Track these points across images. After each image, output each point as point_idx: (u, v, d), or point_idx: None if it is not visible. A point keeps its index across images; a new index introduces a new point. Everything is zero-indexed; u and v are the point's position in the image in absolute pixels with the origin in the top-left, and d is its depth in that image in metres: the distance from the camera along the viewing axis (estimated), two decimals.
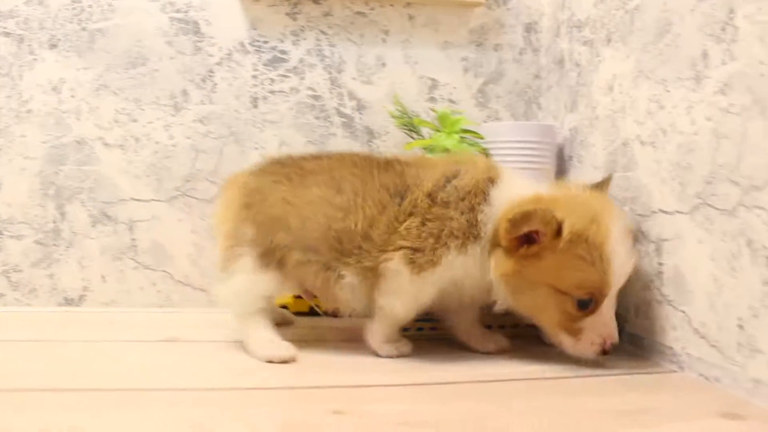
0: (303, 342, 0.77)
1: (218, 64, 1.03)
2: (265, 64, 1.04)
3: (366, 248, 0.69)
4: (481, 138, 0.96)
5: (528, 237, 0.65)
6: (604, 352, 0.67)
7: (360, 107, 1.05)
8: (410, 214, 0.69)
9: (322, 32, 1.05)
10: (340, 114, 1.05)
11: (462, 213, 0.68)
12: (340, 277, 0.70)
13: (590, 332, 0.67)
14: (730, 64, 0.62)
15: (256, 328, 0.72)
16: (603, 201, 0.69)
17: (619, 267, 0.65)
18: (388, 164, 0.74)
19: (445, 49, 1.07)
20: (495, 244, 0.68)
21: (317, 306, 0.96)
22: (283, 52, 1.04)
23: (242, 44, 1.04)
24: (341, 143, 1.05)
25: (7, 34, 1.01)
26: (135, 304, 1.01)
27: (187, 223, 1.02)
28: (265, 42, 1.04)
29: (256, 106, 1.04)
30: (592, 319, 0.66)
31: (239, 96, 1.03)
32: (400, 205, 0.70)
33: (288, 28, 1.04)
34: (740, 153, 0.61)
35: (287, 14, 1.04)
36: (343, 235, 0.70)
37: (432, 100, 1.07)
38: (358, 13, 1.05)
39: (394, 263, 0.68)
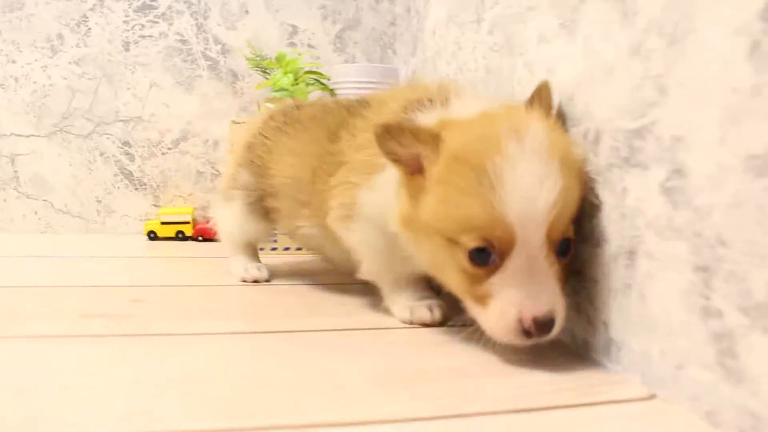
0: None
1: (91, 9, 1.12)
2: (135, 11, 1.12)
3: (314, 201, 0.63)
4: (326, 78, 1.05)
5: (415, 166, 0.49)
6: (526, 334, 0.43)
7: (224, 51, 1.14)
8: (340, 164, 0.59)
9: None
10: (206, 57, 1.14)
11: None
12: (298, 228, 0.68)
13: (498, 300, 0.44)
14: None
15: (236, 257, 0.79)
16: (518, 116, 0.47)
17: (518, 196, 0.43)
18: (350, 107, 0.65)
19: None
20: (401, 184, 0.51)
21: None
22: None
23: None
24: (207, 85, 1.14)
25: None
26: (19, 230, 1.11)
27: (65, 157, 1.11)
28: None
29: (127, 50, 1.13)
30: (498, 279, 0.44)
31: (112, 40, 1.12)
32: (332, 154, 0.61)
33: None
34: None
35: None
36: (296, 184, 0.66)
37: (292, 45, 1.15)
38: None
39: (330, 221, 0.59)
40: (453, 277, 0.47)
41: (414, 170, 0.49)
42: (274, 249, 0.98)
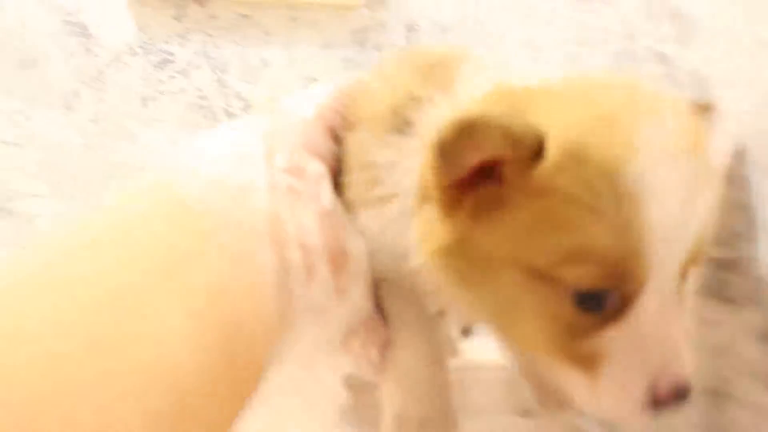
0: None
1: (107, 65, 1.09)
2: (153, 66, 1.10)
3: None
4: None
5: (478, 174, 0.32)
6: (656, 405, 0.31)
7: (246, 107, 1.12)
8: None
9: (208, 34, 1.10)
10: (228, 113, 1.12)
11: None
12: None
13: (619, 362, 0.32)
14: None
15: None
16: (633, 90, 0.33)
17: (664, 215, 0.30)
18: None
19: (326, 49, 1.13)
20: (424, 197, 0.36)
21: None
22: (170, 53, 1.10)
23: (131, 47, 1.09)
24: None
25: None
26: None
27: None
28: (153, 44, 1.09)
29: (145, 106, 1.10)
30: (620, 333, 0.32)
31: (129, 97, 1.09)
32: None
33: (174, 31, 1.09)
34: None
35: (173, 18, 1.09)
36: None
37: None
38: (244, 15, 1.10)
39: None
40: (535, 328, 0.33)
41: (469, 184, 0.32)
42: None
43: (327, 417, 0.43)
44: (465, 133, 0.29)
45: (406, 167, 0.37)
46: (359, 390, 0.45)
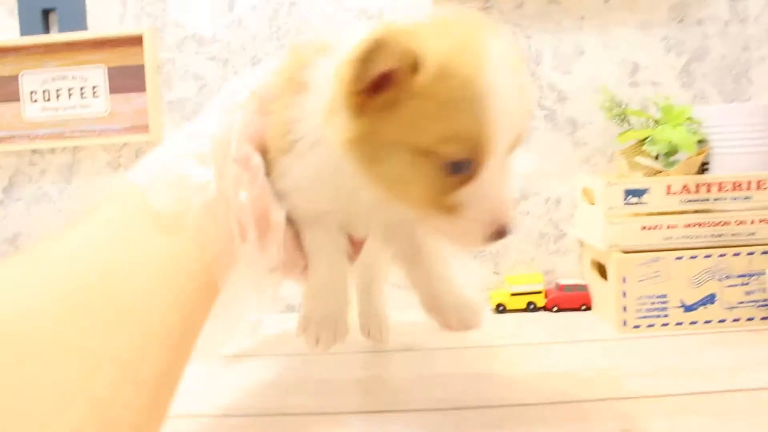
0: None
1: None
2: None
3: None
4: (698, 123, 0.92)
5: (379, 82, 0.45)
6: (493, 237, 0.46)
7: (561, 98, 1.03)
8: None
9: (517, 24, 1.03)
10: (542, 107, 1.03)
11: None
12: None
13: (471, 209, 0.46)
14: None
15: None
16: (481, 23, 0.47)
17: (503, 109, 0.43)
18: None
19: (644, 30, 1.03)
20: (332, 111, 0.48)
21: None
22: None
23: None
24: (544, 137, 1.03)
25: (212, 59, 1.04)
26: None
27: None
28: None
29: None
30: (472, 189, 0.45)
31: None
32: None
33: None
34: None
35: (479, 10, 1.03)
36: None
37: (634, 84, 1.03)
38: (552, 2, 1.03)
39: None
40: (419, 189, 0.47)
41: (372, 90, 0.45)
42: None
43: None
44: (371, 49, 0.42)
45: (307, 115, 0.50)
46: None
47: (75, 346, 0.33)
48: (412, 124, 0.44)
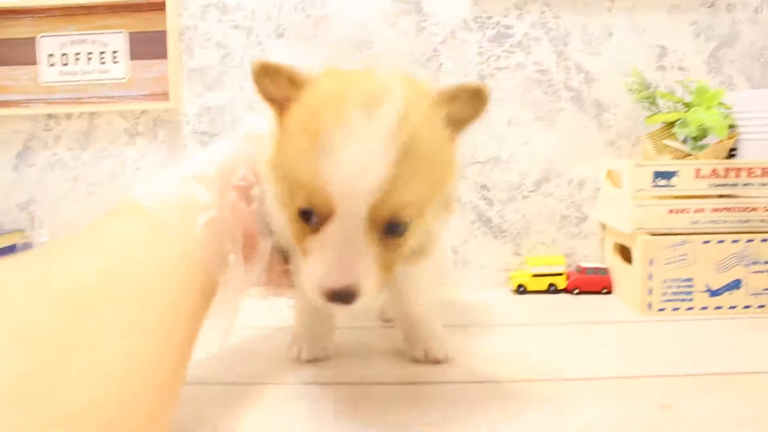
0: None
1: (442, 42, 1.01)
2: (489, 41, 1.02)
3: None
4: (729, 108, 0.92)
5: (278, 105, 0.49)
6: (327, 297, 0.45)
7: (588, 80, 1.02)
8: None
9: (546, 4, 1.01)
10: (568, 88, 1.02)
11: None
12: None
13: (310, 261, 0.46)
14: None
15: None
16: (384, 83, 0.45)
17: (343, 171, 0.42)
18: None
19: (673, 14, 1.02)
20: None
21: None
22: (507, 27, 1.01)
23: (465, 21, 1.01)
24: (569, 118, 1.02)
25: (236, 27, 1.02)
26: None
27: None
28: (489, 18, 1.01)
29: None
30: (316, 241, 0.45)
31: (465, 74, 1.01)
32: None
33: (511, 2, 1.01)
34: None
35: None
36: None
37: (661, 68, 1.02)
38: None
39: None
40: (288, 223, 0.49)
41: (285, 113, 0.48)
42: None
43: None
44: (267, 67, 0.48)
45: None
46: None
47: (80, 346, 0.34)
48: (284, 161, 0.47)
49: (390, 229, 0.45)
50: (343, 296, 0.44)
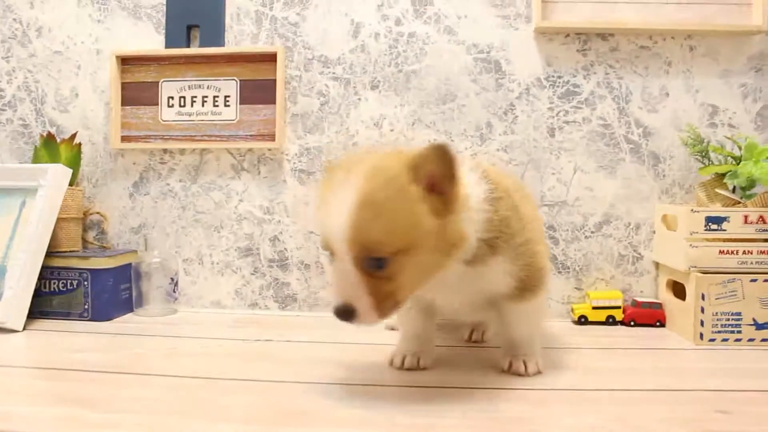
0: None
1: (518, 98, 1.14)
2: (559, 97, 1.14)
3: None
4: None
5: None
6: (334, 314, 0.62)
7: (646, 134, 1.14)
8: None
9: (610, 66, 1.14)
10: (628, 141, 1.14)
11: None
12: None
13: (330, 289, 0.69)
14: None
15: None
16: (382, 160, 0.64)
17: (328, 222, 0.62)
18: None
19: (725, 77, 1.14)
20: None
21: None
22: (575, 85, 1.14)
23: (539, 79, 1.14)
24: (629, 168, 1.14)
25: (335, 78, 1.16)
26: None
27: None
28: (559, 77, 1.14)
29: (552, 135, 1.14)
30: (330, 274, 0.69)
31: (537, 127, 1.14)
32: None
33: (579, 64, 1.14)
34: None
35: (578, 51, 1.14)
36: None
37: (712, 125, 1.14)
38: (643, 47, 1.14)
39: None
40: None
41: None
42: None
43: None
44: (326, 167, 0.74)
45: None
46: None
47: None
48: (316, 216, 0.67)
49: (370, 263, 0.61)
50: (341, 313, 0.62)
